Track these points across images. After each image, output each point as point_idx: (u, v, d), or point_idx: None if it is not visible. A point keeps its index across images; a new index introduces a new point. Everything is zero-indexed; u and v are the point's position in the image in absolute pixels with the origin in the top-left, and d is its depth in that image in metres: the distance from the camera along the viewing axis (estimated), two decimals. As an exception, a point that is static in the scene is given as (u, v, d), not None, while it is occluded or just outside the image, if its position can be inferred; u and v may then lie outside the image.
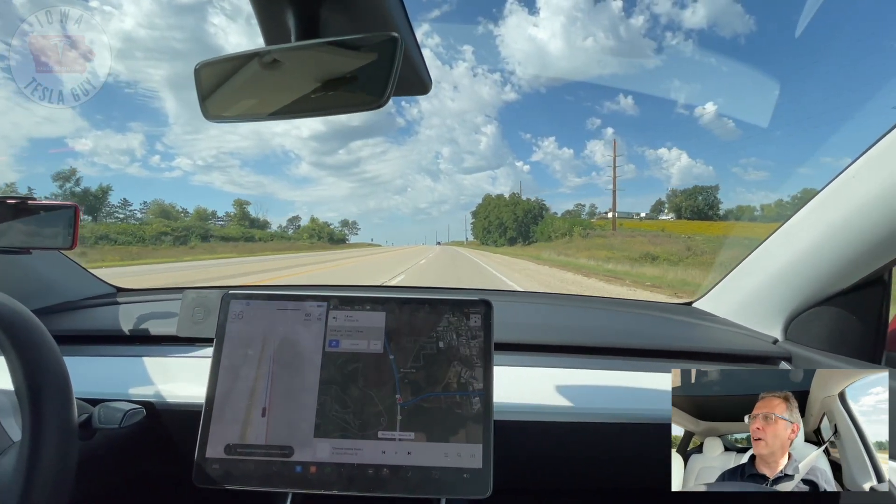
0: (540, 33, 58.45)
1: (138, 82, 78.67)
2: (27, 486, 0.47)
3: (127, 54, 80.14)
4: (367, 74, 0.43)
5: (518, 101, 79.29)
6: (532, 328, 0.94)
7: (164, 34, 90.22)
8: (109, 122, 71.33)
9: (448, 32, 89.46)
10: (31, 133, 59.04)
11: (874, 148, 0.64)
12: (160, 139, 76.75)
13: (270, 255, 26.29)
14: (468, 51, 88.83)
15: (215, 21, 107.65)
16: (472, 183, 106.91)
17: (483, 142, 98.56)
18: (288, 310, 0.63)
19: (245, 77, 0.46)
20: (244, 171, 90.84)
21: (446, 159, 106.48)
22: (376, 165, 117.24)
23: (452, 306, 0.62)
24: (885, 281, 0.75)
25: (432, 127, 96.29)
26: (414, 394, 0.59)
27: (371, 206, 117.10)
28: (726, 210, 33.48)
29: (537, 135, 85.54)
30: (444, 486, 0.56)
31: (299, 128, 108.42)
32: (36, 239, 0.83)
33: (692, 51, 36.74)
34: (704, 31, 36.75)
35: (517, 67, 65.88)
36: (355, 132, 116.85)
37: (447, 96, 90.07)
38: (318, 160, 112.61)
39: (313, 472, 0.57)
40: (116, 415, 0.60)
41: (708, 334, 0.93)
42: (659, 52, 39.22)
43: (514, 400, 0.72)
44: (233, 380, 0.60)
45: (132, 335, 0.90)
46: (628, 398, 0.75)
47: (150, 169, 73.88)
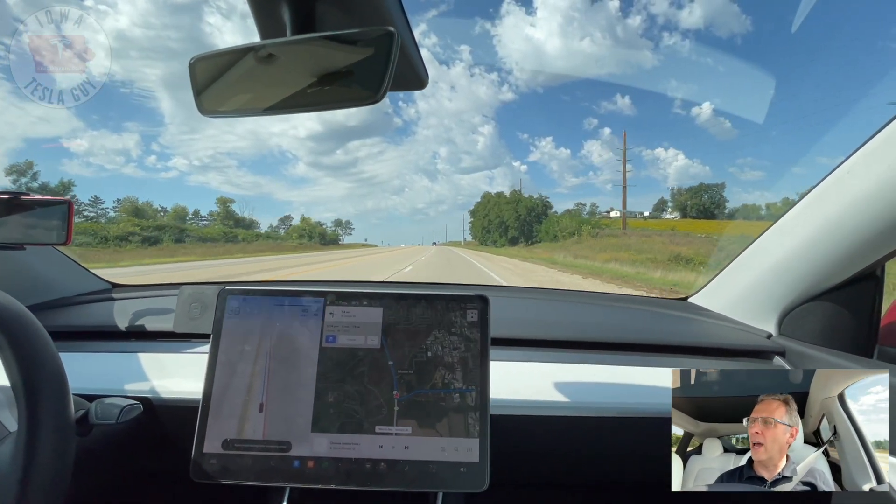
0: (537, 33, 58.08)
1: (134, 82, 77.86)
2: (24, 483, 0.47)
3: (122, 54, 79.26)
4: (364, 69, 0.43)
5: (515, 100, 79.13)
6: (528, 323, 0.95)
7: (159, 33, 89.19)
8: (105, 122, 70.72)
9: (445, 32, 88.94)
10: (26, 133, 58.38)
11: (868, 144, 0.64)
12: (156, 139, 76.13)
13: (246, 257, 25.01)
14: (465, 50, 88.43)
15: (211, 20, 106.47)
16: (469, 183, 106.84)
17: (480, 142, 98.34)
18: (285, 305, 0.63)
19: (240, 71, 0.46)
20: (241, 171, 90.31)
21: (444, 159, 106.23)
22: (374, 166, 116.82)
23: (449, 302, 0.63)
24: (878, 276, 0.76)
25: (430, 127, 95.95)
26: (411, 389, 0.60)
27: (369, 206, 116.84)
28: (732, 209, 33.04)
29: (534, 135, 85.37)
30: (442, 480, 0.57)
31: (296, 128, 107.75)
32: (30, 234, 0.82)
33: (689, 50, 36.52)
34: (701, 31, 36.47)
35: (514, 67, 65.60)
36: (352, 132, 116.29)
37: (444, 96, 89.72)
38: (316, 160, 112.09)
39: (311, 466, 0.57)
40: (113, 411, 0.60)
41: (703, 329, 0.94)
42: (656, 51, 38.97)
43: (510, 395, 0.73)
44: (230, 375, 0.60)
45: (128, 331, 0.90)
46: (623, 393, 0.75)
47: (146, 169, 73.32)
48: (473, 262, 17.17)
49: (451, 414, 0.59)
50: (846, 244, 0.70)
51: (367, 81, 0.43)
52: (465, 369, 0.60)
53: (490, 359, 0.61)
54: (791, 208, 0.79)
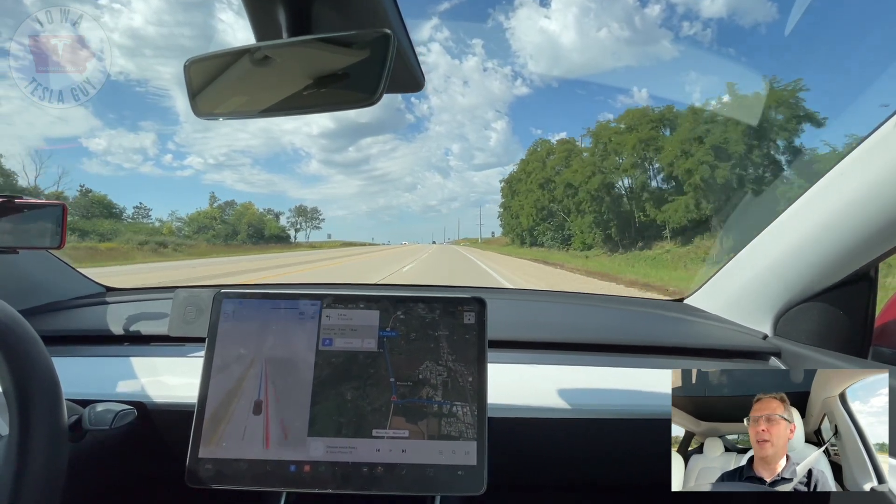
0: (552, 25, 57.22)
1: (148, 80, 77.27)
2: (16, 490, 0.46)
3: (136, 52, 78.66)
4: (360, 71, 0.43)
5: (529, 95, 78.55)
6: (525, 325, 0.95)
7: (172, 31, 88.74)
8: (122, 120, 70.24)
9: (457, 26, 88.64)
10: (45, 133, 57.84)
11: (862, 145, 0.65)
12: (171, 138, 75.62)
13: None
14: (478, 44, 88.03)
15: (223, 17, 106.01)
16: (481, 180, 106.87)
17: (493, 138, 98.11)
18: (281, 308, 0.63)
19: (236, 74, 0.46)
20: (255, 169, 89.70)
21: (456, 156, 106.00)
22: (386, 163, 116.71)
23: (446, 304, 0.62)
24: (872, 277, 0.77)
25: (442, 123, 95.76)
26: (408, 392, 0.59)
27: (381, 203, 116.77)
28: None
29: (548, 130, 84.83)
30: (439, 484, 0.57)
31: (309, 125, 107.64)
32: (23, 238, 0.81)
33: (710, 41, 34.71)
34: (724, 20, 35.07)
35: (529, 61, 64.79)
36: (365, 129, 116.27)
37: (457, 91, 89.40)
38: (328, 158, 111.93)
39: (307, 470, 0.57)
40: (107, 416, 0.59)
41: (699, 330, 0.94)
42: (676, 42, 37.35)
43: (507, 397, 0.73)
44: (225, 379, 0.60)
45: (123, 335, 0.89)
46: (620, 394, 0.76)
47: (163, 168, 72.83)
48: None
49: (449, 417, 0.59)
50: (841, 245, 0.71)
51: (363, 84, 0.43)
52: (462, 372, 0.60)
53: (487, 361, 0.61)
54: (786, 210, 0.79)
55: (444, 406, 0.59)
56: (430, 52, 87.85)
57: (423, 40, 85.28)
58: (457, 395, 0.59)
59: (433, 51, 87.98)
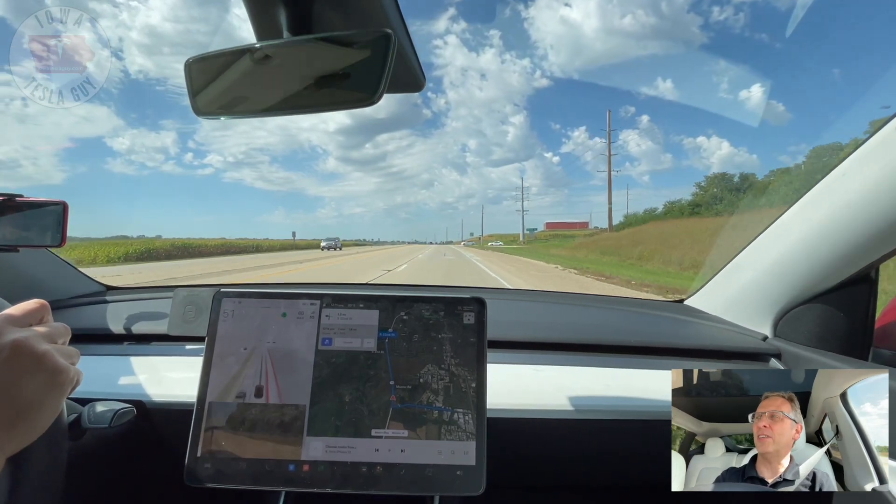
0: (572, 14, 56.32)
1: (167, 79, 77.37)
2: (15, 487, 0.46)
3: (154, 50, 78.61)
4: (360, 71, 0.43)
5: (547, 88, 78.04)
6: (525, 326, 0.95)
7: (187, 27, 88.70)
8: (143, 120, 70.54)
9: (475, 17, 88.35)
10: (71, 133, 57.80)
11: (863, 147, 0.65)
12: (192, 137, 75.82)
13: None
14: (496, 35, 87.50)
15: (237, 11, 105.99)
16: (499, 176, 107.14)
17: (511, 133, 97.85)
18: (281, 308, 0.63)
19: (236, 73, 0.46)
20: (273, 166, 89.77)
21: (473, 152, 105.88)
22: (402, 159, 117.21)
23: (446, 304, 0.62)
24: (872, 278, 0.76)
25: (459, 118, 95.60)
26: (407, 391, 0.59)
27: (398, 200, 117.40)
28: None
29: (567, 125, 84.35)
30: (438, 484, 0.57)
31: (326, 122, 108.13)
32: (24, 237, 0.81)
33: (742, 27, 33.11)
34: (758, 3, 33.18)
35: (549, 51, 64.00)
36: (381, 125, 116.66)
37: (474, 85, 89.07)
38: (345, 155, 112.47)
39: (306, 470, 0.57)
40: (106, 414, 0.59)
41: (699, 331, 0.94)
42: (704, 28, 35.75)
43: (507, 397, 0.73)
44: (224, 378, 0.60)
45: (122, 334, 0.90)
46: (620, 395, 0.75)
47: (184, 166, 73.17)
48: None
49: (448, 417, 0.58)
50: (841, 247, 0.71)
51: (364, 83, 0.43)
52: (461, 372, 0.60)
53: (487, 361, 0.61)
54: (787, 211, 0.79)
55: (445, 413, 0.58)
56: (446, 45, 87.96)
57: (440, 32, 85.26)
58: (458, 401, 0.59)
59: (450, 43, 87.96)
